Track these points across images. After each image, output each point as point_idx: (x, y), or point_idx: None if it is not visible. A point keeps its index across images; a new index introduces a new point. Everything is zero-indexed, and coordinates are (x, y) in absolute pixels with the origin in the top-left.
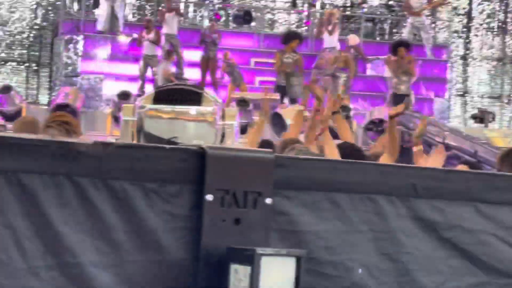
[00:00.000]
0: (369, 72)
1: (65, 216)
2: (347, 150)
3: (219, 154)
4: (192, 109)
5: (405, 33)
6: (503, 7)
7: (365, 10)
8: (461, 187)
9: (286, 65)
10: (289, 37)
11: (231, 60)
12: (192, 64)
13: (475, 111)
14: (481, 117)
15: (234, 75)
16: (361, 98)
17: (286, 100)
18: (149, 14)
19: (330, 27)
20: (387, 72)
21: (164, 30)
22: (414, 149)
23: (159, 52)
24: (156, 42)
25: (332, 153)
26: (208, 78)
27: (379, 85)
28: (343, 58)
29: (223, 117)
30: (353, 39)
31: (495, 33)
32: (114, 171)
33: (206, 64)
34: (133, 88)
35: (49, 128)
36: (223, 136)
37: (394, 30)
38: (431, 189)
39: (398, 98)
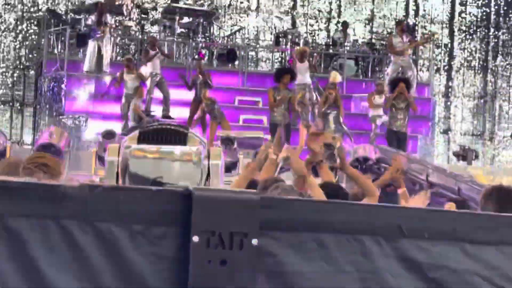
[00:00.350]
0: (353, 109)
1: (52, 259)
2: (331, 189)
3: (205, 195)
4: (177, 149)
5: (389, 72)
6: (483, 45)
7: (348, 48)
8: (446, 227)
9: (281, 101)
10: (281, 72)
11: (211, 98)
12: (177, 103)
13: (458, 148)
14: (464, 155)
15: (214, 113)
16: (345, 136)
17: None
18: (133, 54)
19: (302, 64)
20: (374, 109)
21: (149, 69)
22: (399, 191)
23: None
24: (142, 78)
25: (317, 193)
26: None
27: (363, 122)
28: (333, 96)
29: (208, 156)
30: (335, 77)
31: (476, 70)
32: (101, 213)
33: (197, 105)
34: (117, 127)
35: (27, 170)
36: (208, 175)
37: (377, 69)
38: (416, 229)
39: (392, 134)
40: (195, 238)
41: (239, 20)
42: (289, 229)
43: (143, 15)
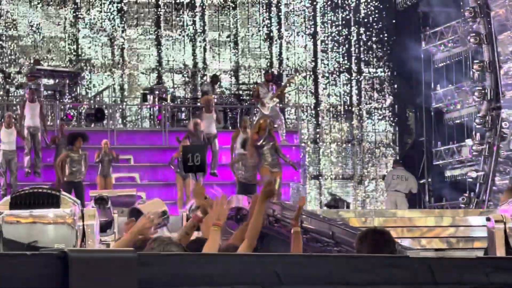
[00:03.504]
0: (224, 161)
1: None
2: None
3: (81, 256)
4: (51, 212)
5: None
6: (348, 90)
7: (216, 100)
8: (323, 271)
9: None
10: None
11: (110, 151)
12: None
13: (330, 192)
14: (336, 205)
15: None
16: (214, 187)
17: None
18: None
19: (209, 114)
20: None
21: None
22: (292, 230)
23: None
24: (21, 136)
25: (212, 246)
26: None
27: (231, 173)
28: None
29: (82, 217)
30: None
31: (342, 115)
32: None
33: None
34: None
35: None
36: (83, 236)
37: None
38: (294, 276)
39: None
40: None
41: (106, 78)
42: (167, 285)
43: (7, 79)
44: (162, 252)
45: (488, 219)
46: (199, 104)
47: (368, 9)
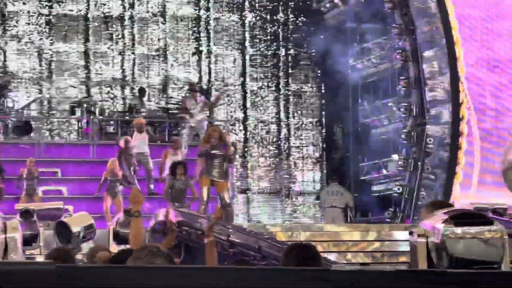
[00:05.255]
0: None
1: None
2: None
3: (1, 269)
4: None
5: (184, 135)
6: (275, 105)
7: (145, 114)
8: (246, 284)
9: None
10: None
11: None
12: None
13: (258, 206)
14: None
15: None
16: (146, 201)
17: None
18: None
19: (141, 135)
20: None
21: None
22: (205, 240)
23: None
24: None
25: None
26: None
27: (162, 186)
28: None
29: (5, 230)
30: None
31: (270, 129)
32: None
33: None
34: None
35: None
36: (6, 249)
37: (174, 132)
38: None
39: None
40: None
41: (33, 90)
42: None
43: None
44: (148, 264)
45: (411, 233)
46: (127, 117)
47: (297, 25)
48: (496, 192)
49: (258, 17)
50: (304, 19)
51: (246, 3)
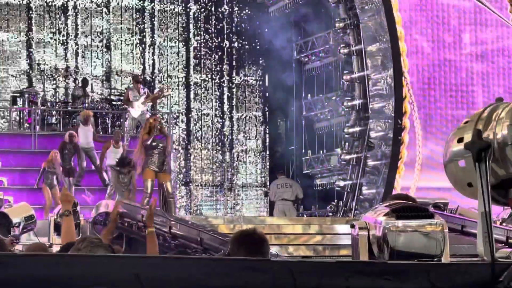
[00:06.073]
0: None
1: None
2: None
3: None
4: None
5: (127, 126)
6: (219, 97)
7: (87, 105)
8: (183, 274)
9: None
10: None
11: None
12: None
13: (200, 198)
14: None
15: None
16: (85, 193)
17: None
18: None
19: (86, 127)
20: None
21: None
22: (147, 231)
23: None
24: None
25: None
26: None
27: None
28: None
29: None
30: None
31: (213, 122)
32: None
33: None
34: None
35: None
36: None
37: (117, 123)
38: (154, 278)
39: None
40: None
41: None
42: (22, 287)
43: None
44: (89, 253)
45: (352, 226)
46: (69, 108)
47: (241, 17)
48: (437, 183)
49: (202, 9)
50: (249, 12)
51: None
